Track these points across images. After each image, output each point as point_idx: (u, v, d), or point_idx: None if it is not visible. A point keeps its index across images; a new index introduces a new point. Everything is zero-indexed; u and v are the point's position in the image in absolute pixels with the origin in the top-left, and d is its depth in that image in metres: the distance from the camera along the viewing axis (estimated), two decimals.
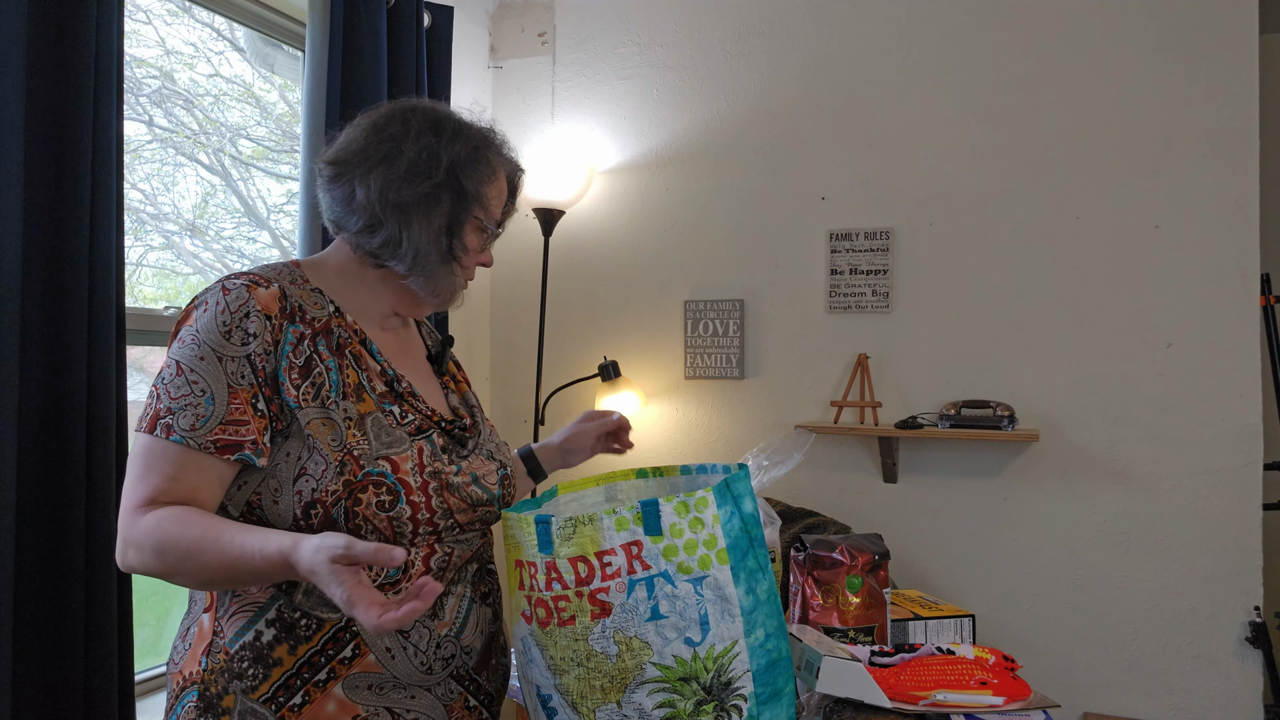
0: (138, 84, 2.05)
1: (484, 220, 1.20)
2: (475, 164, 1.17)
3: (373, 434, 1.08)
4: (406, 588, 1.08)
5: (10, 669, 1.41)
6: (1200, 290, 2.29)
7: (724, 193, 2.76)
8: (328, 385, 1.08)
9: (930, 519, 2.52)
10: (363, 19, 2.27)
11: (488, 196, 1.20)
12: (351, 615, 0.87)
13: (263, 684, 1.05)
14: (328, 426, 1.06)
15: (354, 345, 1.13)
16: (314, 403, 1.06)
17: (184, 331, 1.06)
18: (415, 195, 1.13)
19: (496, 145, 1.23)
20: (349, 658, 1.07)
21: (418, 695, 1.10)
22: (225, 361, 1.03)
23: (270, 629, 1.06)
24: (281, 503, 1.05)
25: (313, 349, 1.09)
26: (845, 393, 2.55)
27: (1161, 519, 2.31)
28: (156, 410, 1.02)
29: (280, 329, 1.07)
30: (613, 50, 2.89)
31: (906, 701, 1.30)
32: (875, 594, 1.60)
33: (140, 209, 2.08)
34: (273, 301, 1.08)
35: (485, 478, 1.19)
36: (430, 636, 1.11)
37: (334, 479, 1.04)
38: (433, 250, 1.15)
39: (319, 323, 1.11)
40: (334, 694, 1.06)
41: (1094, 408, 2.37)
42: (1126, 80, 2.35)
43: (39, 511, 1.49)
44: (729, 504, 1.04)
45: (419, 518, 1.09)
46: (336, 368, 1.10)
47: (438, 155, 1.14)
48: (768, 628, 1.04)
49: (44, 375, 1.50)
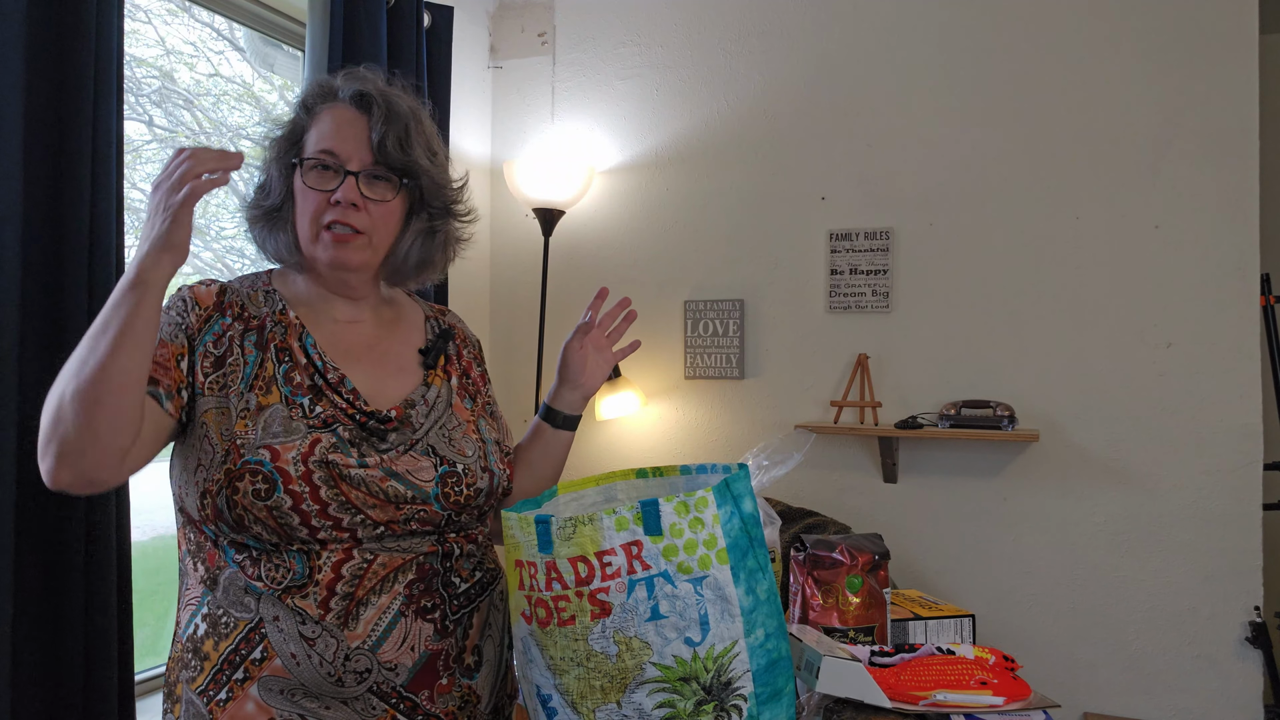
0: (138, 84, 2.05)
1: (299, 158, 1.17)
2: (317, 95, 1.19)
3: (263, 425, 1.07)
4: (316, 594, 1.05)
5: (10, 669, 1.41)
6: (1200, 290, 2.29)
7: (724, 193, 2.76)
8: (238, 378, 1.10)
9: (930, 519, 2.52)
10: (363, 19, 2.27)
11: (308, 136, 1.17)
12: (167, 222, 0.93)
13: (199, 676, 1.08)
14: (222, 416, 1.07)
15: (287, 339, 1.14)
16: (217, 392, 1.08)
17: None
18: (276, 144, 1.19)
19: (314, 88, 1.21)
20: (258, 659, 1.06)
21: (333, 706, 1.07)
22: (162, 319, 1.06)
23: (204, 623, 1.08)
24: (189, 495, 1.08)
25: (236, 343, 1.12)
26: (845, 393, 2.55)
27: (1161, 519, 2.31)
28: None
29: (207, 319, 1.11)
30: (613, 50, 2.89)
31: (906, 701, 1.30)
32: (875, 594, 1.60)
33: (140, 209, 2.08)
34: (208, 296, 1.13)
35: (413, 473, 1.12)
36: (338, 647, 1.06)
37: (218, 468, 1.04)
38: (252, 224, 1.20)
39: (254, 321, 1.14)
40: (250, 694, 1.06)
41: (1094, 408, 2.37)
42: (1126, 80, 2.35)
43: (39, 511, 1.49)
44: (729, 504, 1.04)
45: (304, 509, 1.04)
46: (257, 361, 1.11)
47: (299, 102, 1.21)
48: (768, 628, 1.04)
49: (44, 375, 1.50)
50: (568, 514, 1.22)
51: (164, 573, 2.14)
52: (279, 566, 1.06)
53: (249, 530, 1.04)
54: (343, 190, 1.13)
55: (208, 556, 1.09)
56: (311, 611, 1.05)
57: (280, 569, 1.06)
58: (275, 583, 1.05)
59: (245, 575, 1.06)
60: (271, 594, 1.05)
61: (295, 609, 1.05)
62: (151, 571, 2.11)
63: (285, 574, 1.06)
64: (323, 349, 1.16)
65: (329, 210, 1.14)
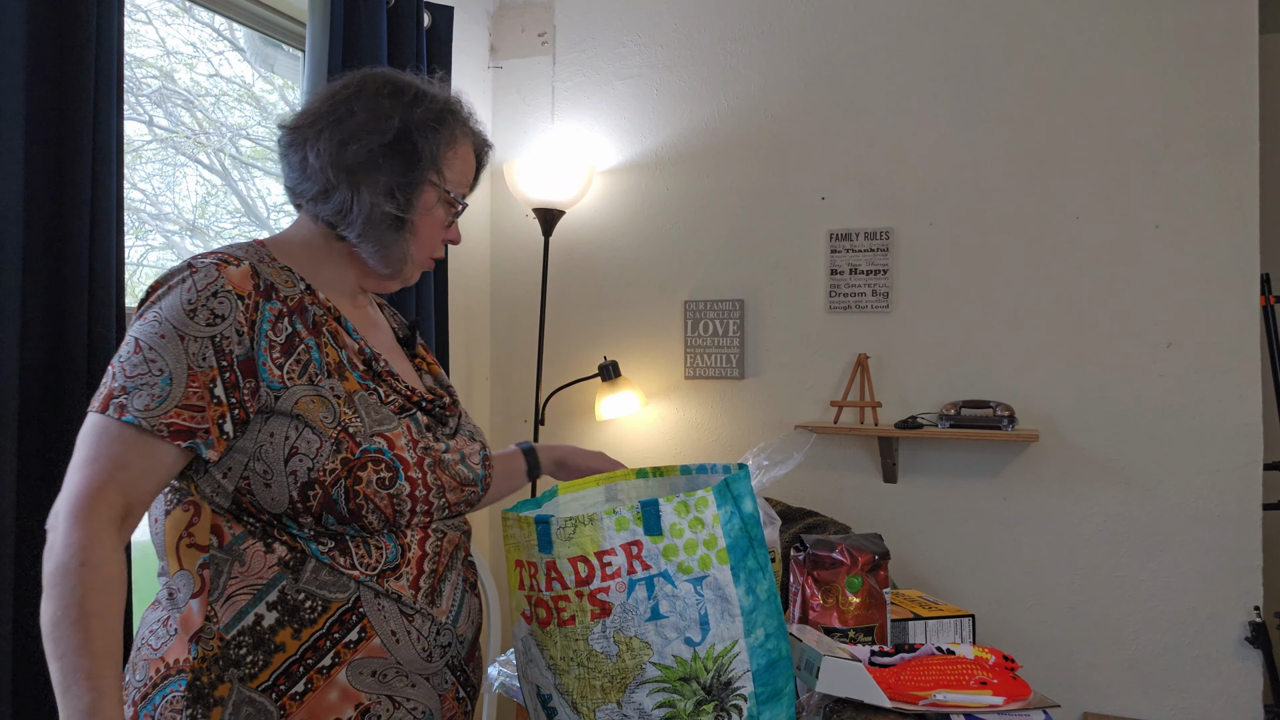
0: (138, 84, 2.05)
1: (441, 186, 1.15)
2: (437, 125, 1.13)
3: (363, 411, 1.05)
4: (407, 573, 1.07)
5: (10, 669, 1.42)
6: (1200, 290, 2.29)
7: (724, 193, 2.76)
8: (313, 363, 1.05)
9: (930, 519, 2.52)
10: (363, 19, 2.27)
11: (447, 162, 1.15)
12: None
13: (262, 671, 1.00)
14: (319, 403, 1.02)
15: (330, 323, 1.10)
16: (301, 380, 1.03)
17: (146, 309, 1.02)
18: (364, 155, 1.09)
19: (462, 115, 1.19)
20: (355, 641, 1.03)
21: (417, 684, 1.09)
22: (187, 341, 0.98)
23: (272, 612, 1.01)
24: (274, 486, 1.01)
25: (291, 326, 1.05)
26: (845, 393, 2.55)
27: (1161, 519, 2.31)
28: (110, 390, 0.97)
29: (256, 308, 1.03)
30: (613, 50, 2.89)
31: (906, 701, 1.30)
32: (875, 594, 1.60)
33: (141, 209, 2.08)
34: (244, 280, 1.03)
35: (470, 457, 1.18)
36: (432, 623, 1.09)
37: (331, 457, 1.00)
38: (381, 216, 1.11)
39: (292, 301, 1.07)
40: (338, 681, 1.02)
41: (1094, 408, 2.37)
42: (1126, 80, 2.35)
43: (39, 512, 1.49)
44: (729, 504, 1.04)
45: (416, 495, 1.07)
46: (316, 346, 1.06)
47: (390, 115, 1.11)
48: (768, 628, 1.04)
49: (44, 375, 1.50)
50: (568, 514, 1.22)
51: None
52: (372, 550, 1.05)
53: (359, 520, 1.02)
54: (457, 234, 1.22)
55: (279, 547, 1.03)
56: (405, 592, 1.07)
57: (374, 553, 1.05)
58: (369, 567, 1.05)
59: (335, 564, 1.03)
60: (367, 580, 1.05)
61: (392, 592, 1.06)
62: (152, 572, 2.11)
63: (379, 557, 1.06)
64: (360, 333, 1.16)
65: (441, 246, 1.21)
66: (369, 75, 1.16)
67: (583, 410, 2.91)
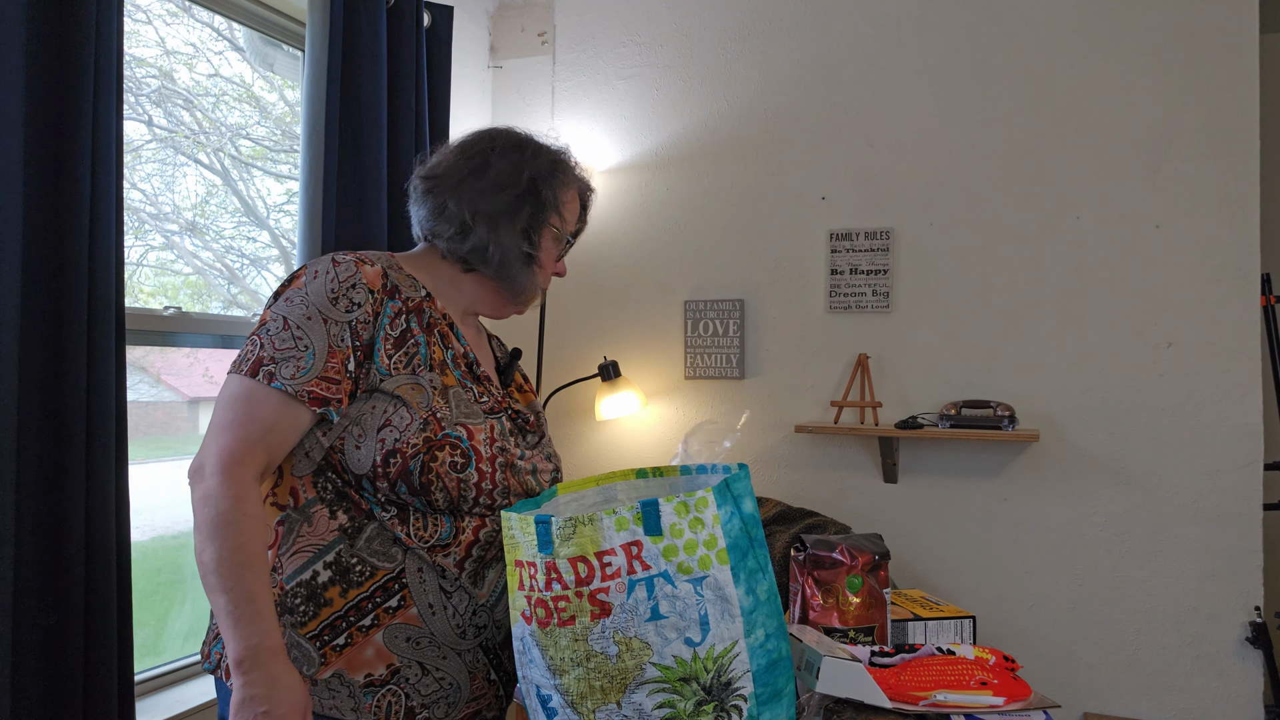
0: (138, 84, 2.05)
1: (559, 228, 1.33)
2: (553, 175, 1.31)
3: (454, 404, 1.20)
4: (455, 552, 1.17)
5: (10, 669, 1.41)
6: (1200, 290, 2.29)
7: (724, 193, 2.76)
8: (418, 357, 1.20)
9: (930, 519, 2.52)
10: (363, 19, 2.27)
11: (563, 204, 1.33)
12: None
13: (311, 621, 1.14)
14: (416, 390, 1.17)
15: (442, 326, 1.25)
16: (405, 370, 1.18)
17: (291, 293, 1.17)
18: (501, 204, 1.27)
19: (571, 163, 1.36)
20: (394, 607, 1.15)
21: (448, 656, 1.18)
22: (329, 324, 1.14)
23: (327, 570, 1.14)
24: (364, 448, 1.14)
25: (406, 324, 1.20)
26: (845, 393, 2.55)
27: (1161, 519, 2.31)
28: (260, 357, 1.12)
29: (381, 303, 1.19)
30: (613, 50, 2.89)
31: (906, 702, 1.30)
32: (875, 594, 1.60)
33: (140, 209, 2.08)
34: (377, 278, 1.20)
35: (541, 474, 1.29)
36: (470, 601, 1.19)
37: (417, 434, 1.14)
38: (516, 254, 1.29)
39: (412, 302, 1.23)
40: (374, 640, 1.14)
41: (1094, 408, 2.37)
42: (1127, 80, 2.35)
43: (39, 511, 1.49)
44: (729, 504, 1.04)
45: (483, 486, 1.18)
46: (425, 343, 1.21)
47: (520, 169, 1.29)
48: (768, 628, 1.04)
49: (44, 375, 1.50)
50: (568, 514, 1.22)
51: (164, 573, 2.14)
52: (429, 525, 1.17)
53: (428, 494, 1.15)
54: (564, 268, 1.40)
55: (353, 508, 1.16)
56: (450, 569, 1.18)
57: (430, 527, 1.17)
58: (423, 540, 1.16)
59: (393, 530, 1.15)
60: (417, 550, 1.16)
61: (437, 565, 1.17)
62: (152, 572, 2.11)
63: (434, 532, 1.17)
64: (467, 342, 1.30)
65: (550, 278, 1.38)
66: (499, 132, 1.34)
67: (583, 410, 2.91)
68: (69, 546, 1.51)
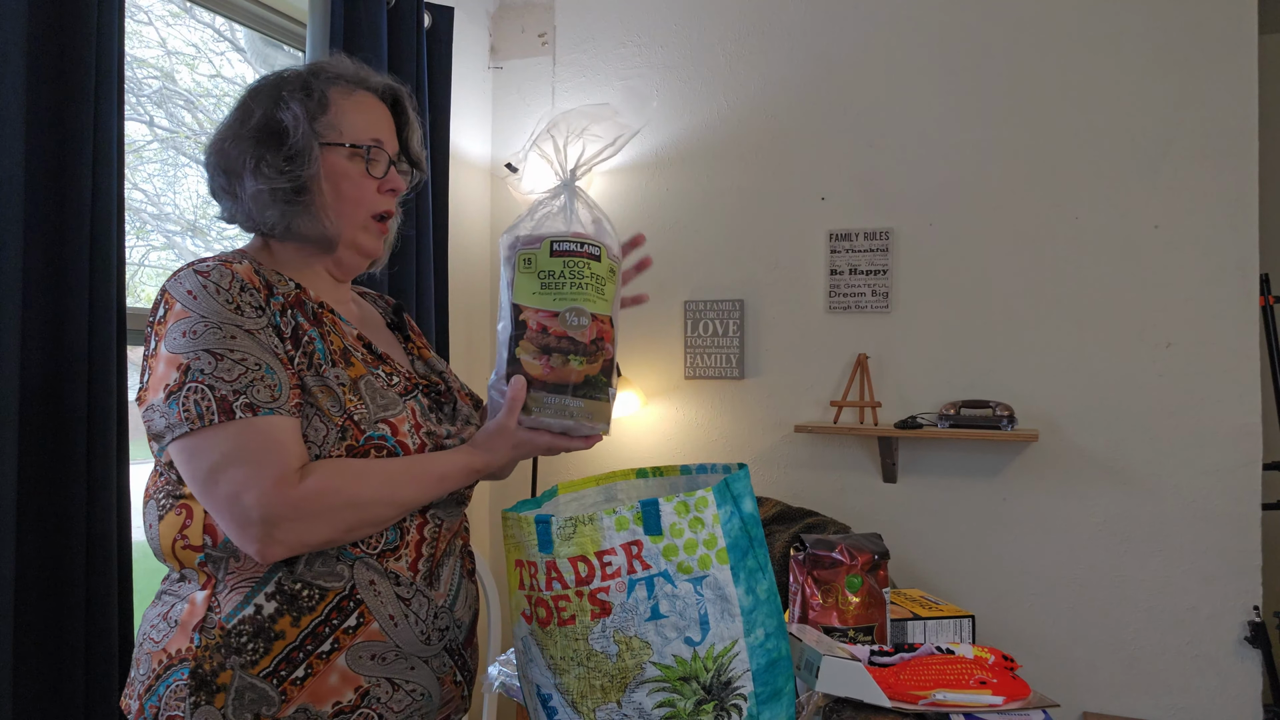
0: (139, 84, 2.05)
1: (338, 140, 1.11)
2: (303, 97, 1.11)
3: (368, 397, 1.07)
4: (406, 554, 1.10)
5: (10, 669, 1.42)
6: (1200, 290, 2.29)
7: (724, 193, 2.76)
8: (318, 354, 1.06)
9: (930, 519, 2.53)
10: (363, 19, 2.27)
11: (334, 119, 1.12)
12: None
13: (263, 658, 1.02)
14: (325, 394, 1.04)
15: (325, 314, 1.12)
16: (308, 372, 1.05)
17: (179, 326, 1.00)
18: (233, 152, 1.10)
19: (330, 73, 1.14)
20: (354, 626, 1.05)
21: (416, 667, 1.10)
22: (256, 335, 1.01)
23: (271, 602, 1.03)
24: None
25: (295, 320, 1.07)
26: (845, 393, 2.55)
27: (1161, 519, 2.31)
28: (222, 397, 0.97)
29: (267, 300, 1.05)
30: (613, 50, 2.89)
31: (906, 701, 1.30)
32: (875, 594, 1.60)
33: (142, 209, 2.08)
34: (251, 274, 1.06)
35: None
36: (429, 605, 1.11)
37: (336, 444, 1.03)
38: (272, 192, 1.09)
39: (290, 296, 1.09)
40: (337, 665, 1.04)
41: (1094, 408, 2.37)
42: (1126, 80, 2.35)
43: (39, 512, 1.49)
44: (729, 504, 1.04)
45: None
46: (319, 336, 1.08)
47: (249, 110, 1.11)
48: (768, 627, 1.05)
49: (45, 376, 1.50)
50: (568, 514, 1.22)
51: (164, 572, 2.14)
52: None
53: None
54: (396, 179, 1.16)
55: None
56: (404, 573, 1.09)
57: (373, 535, 1.07)
58: (370, 547, 1.07)
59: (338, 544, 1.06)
60: (366, 558, 1.07)
61: (390, 572, 1.08)
62: (152, 572, 2.11)
63: (379, 537, 1.08)
64: (352, 323, 1.18)
65: (379, 199, 1.15)
66: (264, 78, 1.17)
67: None
68: (70, 546, 1.51)
